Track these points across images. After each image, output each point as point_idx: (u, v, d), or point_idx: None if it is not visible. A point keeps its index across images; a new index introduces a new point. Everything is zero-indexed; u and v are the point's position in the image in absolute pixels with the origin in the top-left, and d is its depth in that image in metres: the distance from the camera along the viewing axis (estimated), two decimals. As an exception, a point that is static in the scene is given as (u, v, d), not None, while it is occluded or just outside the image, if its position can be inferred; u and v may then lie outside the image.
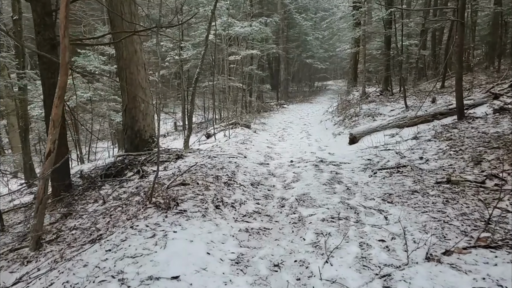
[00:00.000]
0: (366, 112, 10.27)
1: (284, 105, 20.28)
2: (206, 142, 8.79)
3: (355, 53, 15.62)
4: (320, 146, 7.77)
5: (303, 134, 10.00)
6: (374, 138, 7.17)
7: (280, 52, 21.33)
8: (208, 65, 13.25)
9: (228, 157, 6.19)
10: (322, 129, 10.81)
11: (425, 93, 11.86)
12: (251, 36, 12.52)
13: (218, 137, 9.08)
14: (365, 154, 6.36)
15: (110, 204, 4.74)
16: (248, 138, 8.42)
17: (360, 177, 5.05)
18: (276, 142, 8.80)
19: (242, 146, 7.47)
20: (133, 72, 6.64)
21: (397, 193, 4.20)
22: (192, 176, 4.91)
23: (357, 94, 15.07)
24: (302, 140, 8.80)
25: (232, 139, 8.40)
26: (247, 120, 12.09)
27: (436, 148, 5.79)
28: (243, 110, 15.56)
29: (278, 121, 13.66)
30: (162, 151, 6.81)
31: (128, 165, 6.24)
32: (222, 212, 3.71)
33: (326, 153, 6.90)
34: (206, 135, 9.54)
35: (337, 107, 13.60)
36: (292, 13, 22.73)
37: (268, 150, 7.57)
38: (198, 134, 11.25)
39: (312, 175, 5.24)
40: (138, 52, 6.67)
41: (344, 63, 39.03)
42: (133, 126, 6.83)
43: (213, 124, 9.43)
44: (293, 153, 7.26)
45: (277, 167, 6.16)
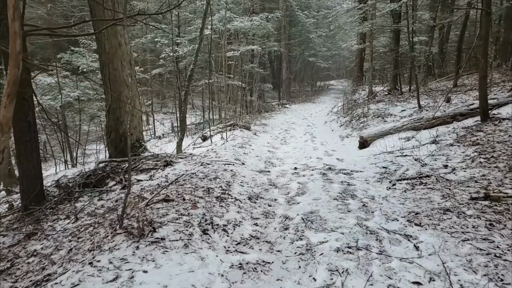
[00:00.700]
0: (375, 112, 9.52)
1: (286, 105, 19.53)
2: (201, 145, 8.06)
3: (361, 50, 14.87)
4: (327, 150, 7.02)
5: (307, 136, 9.25)
6: (387, 142, 6.42)
7: (282, 50, 20.58)
8: (206, 63, 12.54)
9: (224, 164, 5.45)
10: (328, 130, 10.06)
11: (438, 92, 11.11)
12: (252, 32, 11.79)
13: (215, 139, 8.35)
14: (379, 160, 5.61)
15: (82, 222, 4.03)
16: (247, 141, 7.68)
17: (376, 190, 4.30)
18: (278, 145, 8.05)
19: (240, 150, 6.74)
20: (117, 68, 5.92)
21: (425, 211, 3.46)
22: (179, 188, 4.18)
23: (364, 93, 14.30)
24: (307, 144, 8.05)
25: (229, 142, 7.67)
26: (247, 121, 11.36)
27: (461, 154, 5.03)
28: (243, 110, 14.83)
29: (280, 122, 12.91)
30: (150, 156, 6.09)
31: (110, 173, 5.52)
32: (210, 239, 2.97)
33: (334, 159, 6.15)
34: (202, 137, 8.81)
35: (343, 107, 12.84)
36: (295, 10, 21.98)
37: (269, 155, 6.83)
38: (195, 136, 10.53)
39: (320, 187, 4.49)
40: (122, 45, 5.95)
41: (347, 62, 38.28)
42: (117, 129, 6.11)
43: (209, 126, 8.70)
44: (297, 158, 6.52)
45: (279, 175, 5.42)
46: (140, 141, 6.41)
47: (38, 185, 4.91)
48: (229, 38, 13.68)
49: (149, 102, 16.64)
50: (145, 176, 5.33)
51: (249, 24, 10.69)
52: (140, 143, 6.39)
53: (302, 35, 23.63)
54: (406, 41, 13.49)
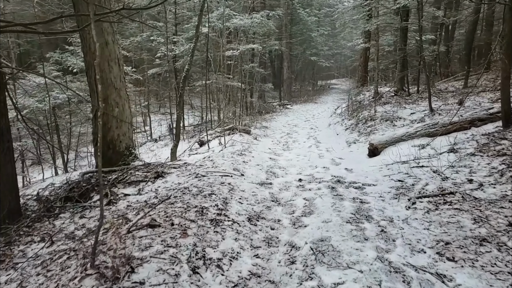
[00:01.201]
0: (383, 115, 8.97)
1: (288, 106, 18.99)
2: (198, 151, 7.53)
3: (366, 49, 14.31)
4: (334, 158, 6.48)
5: (311, 141, 8.71)
6: (400, 150, 5.88)
7: (283, 49, 20.02)
8: (204, 62, 11.99)
9: (221, 176, 4.92)
10: (332, 134, 9.52)
11: (447, 94, 10.56)
12: (252, 30, 11.24)
13: (213, 145, 7.81)
14: (392, 172, 5.07)
15: (58, 247, 3.51)
16: (247, 148, 7.15)
17: (394, 210, 3.76)
18: (280, 151, 7.52)
19: (239, 158, 6.20)
20: (103, 69, 5.38)
21: (457, 240, 2.92)
22: (168, 208, 3.65)
23: (369, 94, 13.76)
24: (311, 150, 7.51)
25: (228, 148, 7.13)
26: (247, 124, 10.82)
27: (487, 166, 4.49)
28: (243, 112, 14.29)
29: (282, 124, 12.37)
30: (140, 166, 5.56)
31: (95, 186, 4.99)
32: (201, 280, 2.44)
33: (342, 169, 5.61)
34: (199, 142, 8.28)
35: (347, 109, 12.30)
36: (296, 8, 21.41)
37: (270, 163, 6.29)
38: (192, 139, 9.99)
39: (329, 204, 3.96)
40: (110, 44, 5.41)
41: (349, 61, 37.78)
42: (104, 136, 5.58)
43: (206, 131, 8.17)
44: (301, 167, 5.99)
45: (283, 188, 4.88)
46: (130, 148, 5.88)
47: (13, 200, 4.39)
48: (229, 36, 13.14)
49: (146, 103, 16.11)
50: (133, 190, 4.80)
51: (249, 22, 10.14)
52: (130, 151, 5.86)
53: (304, 33, 23.06)
54: (413, 40, 12.95)
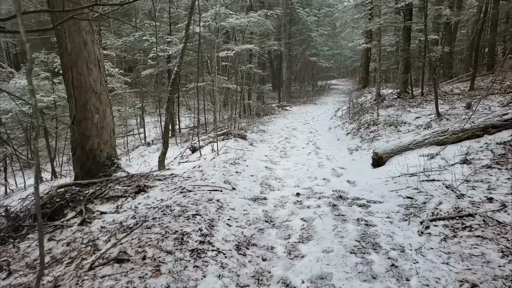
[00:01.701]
0: (386, 120, 8.48)
1: (287, 107, 18.50)
2: (189, 159, 7.03)
3: (367, 49, 13.83)
4: (335, 168, 5.98)
5: (310, 147, 8.21)
6: (407, 160, 5.39)
7: (282, 49, 19.53)
8: (201, 63, 11.49)
9: (209, 191, 4.42)
10: (333, 139, 9.02)
11: (453, 96, 10.07)
12: (249, 30, 10.75)
13: (205, 152, 7.32)
14: (400, 186, 4.58)
15: (15, 279, 3.03)
16: (241, 156, 6.65)
17: (405, 235, 3.27)
18: (277, 159, 7.02)
19: (232, 168, 5.70)
20: (82, 71, 4.89)
21: (484, 281, 2.43)
22: (143, 235, 3.15)
23: (370, 96, 13.27)
24: (310, 157, 7.01)
25: (220, 156, 6.64)
26: (244, 128, 10.33)
27: (507, 182, 4.00)
28: (240, 114, 13.80)
29: (280, 128, 11.87)
30: (122, 178, 5.06)
31: (70, 201, 4.49)
32: None
33: (344, 182, 5.12)
34: (190, 148, 7.78)
35: (348, 112, 11.80)
36: (295, 7, 20.91)
37: (266, 174, 5.80)
38: (186, 144, 9.49)
39: (330, 227, 3.47)
40: (89, 44, 4.91)
41: (349, 62, 37.36)
42: (83, 144, 5.09)
43: (197, 136, 7.67)
44: (300, 178, 5.49)
45: (278, 204, 4.39)
46: (112, 158, 5.38)
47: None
48: (225, 36, 12.65)
49: (140, 105, 15.62)
50: (111, 207, 4.30)
51: (246, 21, 9.65)
52: (111, 161, 5.36)
53: (303, 33, 22.58)
54: (416, 40, 12.46)
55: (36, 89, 8.62)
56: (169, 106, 6.02)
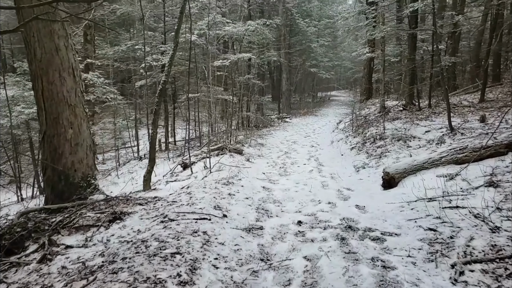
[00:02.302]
0: (394, 134, 7.87)
1: (286, 119, 17.94)
2: (178, 177, 6.39)
3: (369, 59, 13.34)
4: (340, 189, 5.34)
5: (312, 163, 7.58)
6: (422, 181, 4.75)
7: (281, 60, 19.09)
8: (200, 73, 10.93)
9: (196, 220, 3.77)
10: (336, 154, 8.39)
11: (464, 109, 9.49)
12: (247, 39, 10.26)
13: (197, 168, 6.69)
14: (419, 214, 3.93)
15: None
16: (236, 174, 6.02)
17: (434, 284, 2.61)
18: (276, 177, 6.38)
19: (225, 189, 5.06)
20: (53, 81, 4.30)
21: None
22: (106, 283, 2.50)
23: (374, 108, 12.71)
24: (312, 175, 6.37)
25: (213, 174, 6.01)
26: (241, 141, 9.71)
27: (549, 211, 3.36)
28: (237, 127, 13.22)
29: (279, 141, 11.26)
30: (99, 201, 4.41)
31: (32, 232, 3.84)
32: None
33: (352, 206, 4.47)
34: (181, 164, 7.15)
35: (351, 124, 11.22)
36: (295, 18, 20.57)
37: (263, 195, 5.15)
38: (178, 159, 8.85)
39: (339, 271, 2.81)
40: (62, 50, 4.34)
41: (349, 73, 37.08)
42: (54, 163, 4.46)
43: (188, 152, 7.04)
44: (301, 201, 4.84)
45: (277, 236, 3.73)
46: (89, 179, 4.74)
47: None
48: (223, 46, 12.17)
49: (134, 116, 15.05)
50: (79, 239, 3.65)
51: (243, 30, 9.16)
52: (88, 182, 4.72)
53: (303, 44, 22.20)
54: (420, 50, 11.96)
55: (19, 100, 8.05)
56: (156, 119, 5.42)
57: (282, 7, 18.22)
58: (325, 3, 29.02)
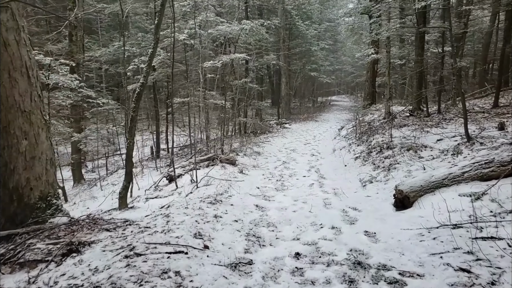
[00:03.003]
0: (402, 142, 7.16)
1: (286, 124, 17.23)
2: (160, 194, 5.67)
3: (373, 62, 12.66)
4: (346, 209, 4.60)
5: (313, 175, 6.85)
6: (443, 202, 4.02)
7: (280, 63, 18.44)
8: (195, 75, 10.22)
9: (169, 255, 3.04)
10: (339, 165, 7.66)
11: (477, 115, 8.78)
12: (243, 39, 9.59)
13: (183, 182, 5.97)
14: (444, 246, 3.19)
15: None
16: (225, 190, 5.29)
17: None
18: (272, 192, 5.64)
19: (210, 210, 4.33)
20: (1, 82, 3.59)
21: None
22: None
23: (378, 113, 12.00)
24: (313, 190, 5.63)
25: (200, 190, 5.28)
26: (235, 150, 8.99)
27: None
28: (234, 133, 12.52)
29: (277, 149, 10.54)
30: (59, 226, 3.68)
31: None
32: None
33: (361, 233, 3.73)
34: (167, 177, 6.42)
35: (354, 131, 10.51)
36: (295, 20, 19.95)
37: (256, 217, 4.42)
38: (165, 170, 8.12)
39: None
40: (12, 46, 3.64)
41: (350, 78, 36.52)
42: (5, 181, 3.74)
43: (172, 164, 6.32)
44: (300, 225, 4.11)
45: (269, 274, 3.00)
46: (49, 198, 4.02)
47: None
48: (219, 47, 11.50)
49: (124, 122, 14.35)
50: (22, 279, 2.92)
51: (237, 29, 8.48)
52: (48, 202, 4.00)
53: (303, 47, 21.56)
54: (428, 52, 11.28)
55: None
56: (132, 128, 4.70)
57: (282, 9, 17.58)
58: (325, 6, 28.53)
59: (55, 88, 8.66)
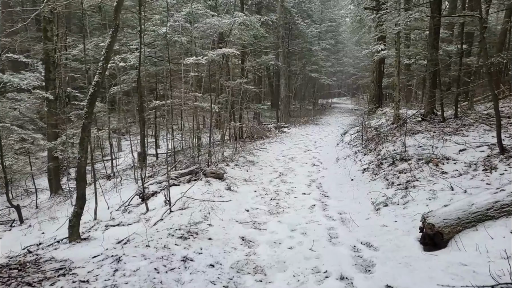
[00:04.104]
0: (419, 152, 6.11)
1: (284, 128, 16.19)
2: (123, 221, 4.59)
3: (379, 61, 11.63)
4: (357, 245, 3.55)
5: (314, 192, 5.78)
6: (490, 241, 2.97)
7: (279, 64, 17.40)
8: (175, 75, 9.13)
9: None
10: (344, 178, 6.60)
11: (502, 119, 7.71)
12: (236, 35, 8.55)
13: (156, 202, 4.93)
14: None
15: None
16: (205, 216, 4.24)
17: None
18: (264, 217, 4.58)
19: (180, 248, 3.28)
20: None
21: None
22: None
23: (385, 118, 10.95)
24: (314, 215, 4.57)
25: (173, 215, 4.23)
26: (225, 159, 7.95)
27: None
28: (230, 137, 11.48)
29: (274, 157, 9.49)
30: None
31: None
32: None
33: (382, 292, 2.68)
34: (139, 194, 5.37)
35: (360, 137, 9.47)
36: (294, 18, 18.94)
37: (239, 258, 3.36)
38: (150, 180, 7.05)
39: None
40: None
41: (350, 80, 35.54)
42: None
43: (141, 180, 5.25)
44: (297, 273, 3.06)
45: None
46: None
47: None
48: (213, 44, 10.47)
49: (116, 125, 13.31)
50: None
51: (229, 22, 7.45)
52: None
53: (304, 47, 20.55)
54: (440, 50, 10.23)
55: None
56: (84, 138, 3.67)
57: (280, 5, 16.57)
58: (326, 6, 27.62)
59: (21, 90, 7.63)
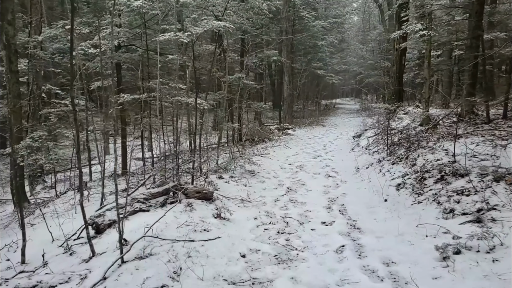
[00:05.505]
0: (476, 164, 4.51)
1: (289, 130, 14.60)
2: (44, 281, 3.00)
3: (401, 53, 10.05)
4: None
5: (338, 222, 4.14)
6: None
7: (283, 59, 15.82)
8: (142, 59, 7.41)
9: None
10: (374, 198, 4.98)
11: None
12: (232, 16, 6.97)
13: (107, 242, 3.33)
14: None
15: None
16: (176, 270, 2.62)
17: None
18: (268, 270, 2.96)
19: None
20: None
21: None
22: None
23: (409, 119, 9.34)
24: (347, 270, 2.93)
25: (125, 270, 2.63)
26: (218, 169, 6.36)
27: None
28: (228, 141, 9.92)
29: (279, 165, 7.90)
30: None
31: None
32: None
33: None
34: (93, 225, 3.77)
35: (382, 141, 7.89)
36: (299, 10, 17.37)
37: None
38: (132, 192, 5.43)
39: None
40: None
41: (353, 80, 34.10)
42: None
43: (81, 206, 3.64)
44: None
45: None
46: None
47: None
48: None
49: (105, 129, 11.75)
50: None
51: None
52: None
53: (309, 42, 19.00)
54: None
55: None
56: None
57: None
58: (331, 1, 26.24)
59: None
